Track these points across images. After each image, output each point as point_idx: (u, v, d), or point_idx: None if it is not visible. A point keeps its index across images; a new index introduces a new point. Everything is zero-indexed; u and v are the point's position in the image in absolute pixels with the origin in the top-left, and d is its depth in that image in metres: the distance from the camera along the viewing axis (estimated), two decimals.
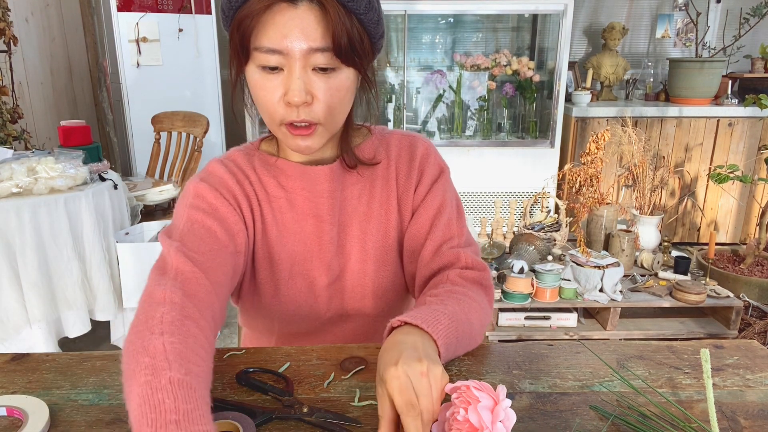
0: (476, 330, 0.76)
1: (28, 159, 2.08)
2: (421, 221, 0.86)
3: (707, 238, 3.33)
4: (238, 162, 0.85)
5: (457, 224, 0.87)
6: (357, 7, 0.69)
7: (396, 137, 0.90)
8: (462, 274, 0.81)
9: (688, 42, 3.95)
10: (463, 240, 0.86)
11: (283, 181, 0.84)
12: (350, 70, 0.73)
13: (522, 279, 2.19)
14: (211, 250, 0.72)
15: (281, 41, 0.67)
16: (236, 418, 0.61)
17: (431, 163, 0.88)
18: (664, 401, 0.68)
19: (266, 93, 0.71)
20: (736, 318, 2.23)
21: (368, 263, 0.87)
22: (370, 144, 0.88)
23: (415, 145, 0.89)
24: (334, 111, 0.74)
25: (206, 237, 0.74)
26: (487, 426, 0.54)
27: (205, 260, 0.70)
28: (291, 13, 0.67)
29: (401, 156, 0.88)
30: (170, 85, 3.53)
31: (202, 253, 0.71)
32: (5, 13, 2.85)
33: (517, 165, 3.47)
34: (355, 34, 0.70)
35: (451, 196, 0.89)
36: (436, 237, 0.85)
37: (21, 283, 1.96)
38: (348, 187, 0.86)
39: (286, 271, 0.86)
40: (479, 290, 0.81)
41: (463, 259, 0.83)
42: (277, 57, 0.69)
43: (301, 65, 0.69)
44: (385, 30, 0.79)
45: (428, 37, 3.74)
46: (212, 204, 0.77)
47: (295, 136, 0.74)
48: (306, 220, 0.85)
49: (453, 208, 0.88)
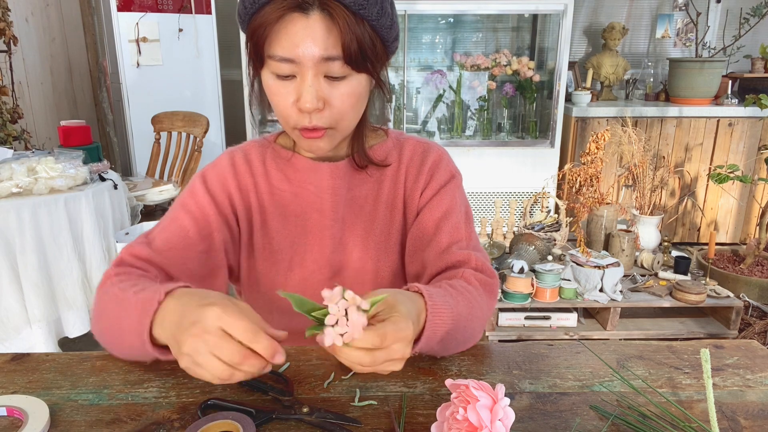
0: (470, 334, 0.76)
1: (28, 159, 2.08)
2: (426, 222, 0.86)
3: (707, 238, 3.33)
4: (248, 153, 0.88)
5: (465, 229, 0.86)
6: (369, 14, 0.70)
7: (411, 142, 0.91)
8: (476, 276, 0.80)
9: (688, 42, 3.95)
10: (471, 244, 0.85)
11: (290, 175, 0.86)
12: (362, 75, 0.74)
13: (522, 279, 2.19)
14: (175, 247, 0.79)
15: (293, 50, 0.69)
16: (236, 418, 0.61)
17: (442, 168, 0.88)
18: (664, 401, 0.68)
19: (280, 99, 0.74)
20: (736, 318, 2.23)
21: (368, 262, 0.88)
22: (384, 146, 0.89)
23: (429, 151, 0.89)
24: (346, 116, 0.76)
25: (177, 233, 0.80)
26: (486, 425, 0.54)
27: (170, 254, 0.78)
28: (303, 23, 0.68)
29: (413, 160, 0.89)
30: (170, 85, 3.53)
31: (167, 249, 0.78)
32: (5, 13, 2.85)
33: (517, 165, 3.46)
34: (366, 40, 0.71)
35: (461, 203, 0.88)
36: (442, 238, 0.84)
37: (21, 283, 1.96)
38: (356, 186, 0.87)
39: (285, 262, 0.87)
40: (487, 297, 0.80)
41: (473, 261, 0.82)
42: (289, 65, 0.71)
43: (313, 73, 0.71)
44: (399, 31, 0.80)
45: (428, 37, 3.74)
46: (199, 202, 0.83)
47: (307, 138, 0.77)
48: (309, 214, 0.86)
49: (461, 213, 0.87)
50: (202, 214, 0.82)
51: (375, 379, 0.72)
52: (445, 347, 0.73)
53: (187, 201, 0.83)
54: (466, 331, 0.73)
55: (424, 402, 0.67)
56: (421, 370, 0.74)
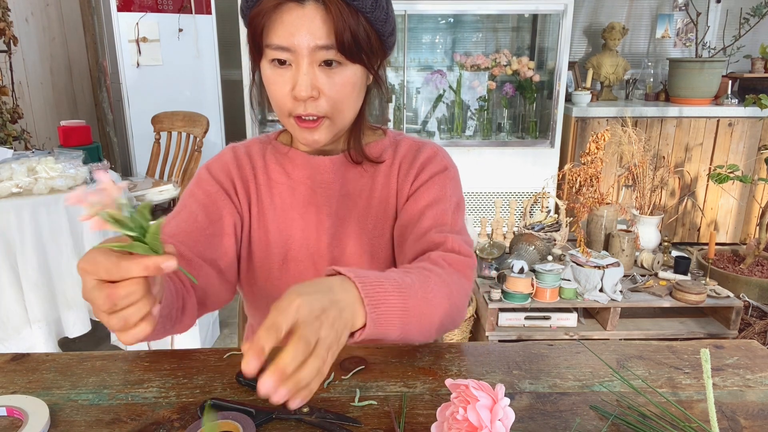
0: (435, 311, 0.68)
1: (28, 159, 2.08)
2: (411, 209, 0.85)
3: (707, 238, 3.33)
4: (250, 149, 0.91)
5: (451, 216, 0.84)
6: (363, 6, 0.72)
7: (408, 141, 0.92)
8: (444, 257, 0.76)
9: (688, 42, 3.95)
10: (455, 229, 0.82)
11: (289, 169, 0.88)
12: (357, 66, 0.76)
13: (522, 279, 2.19)
14: (185, 231, 0.80)
15: (289, 39, 0.71)
16: (236, 418, 0.61)
17: (435, 162, 0.88)
18: (664, 401, 0.68)
19: (276, 87, 0.76)
20: (736, 318, 2.23)
21: (363, 257, 0.88)
22: (381, 144, 0.90)
23: (423, 148, 0.90)
24: (341, 106, 0.77)
25: (188, 219, 0.82)
26: (486, 425, 0.54)
27: (180, 237, 0.79)
28: (298, 12, 0.71)
29: (407, 156, 0.90)
30: (170, 85, 3.52)
31: (178, 233, 0.80)
32: (5, 13, 2.85)
33: (517, 165, 3.46)
34: (360, 31, 0.73)
35: (452, 194, 0.87)
36: (424, 223, 0.82)
37: (21, 283, 1.96)
38: (350, 182, 0.88)
39: (280, 255, 0.88)
40: (458, 275, 0.75)
41: (449, 243, 0.78)
42: (285, 53, 0.73)
43: (308, 62, 0.72)
44: (396, 27, 0.80)
45: (428, 37, 3.74)
46: (206, 189, 0.86)
47: (302, 128, 0.78)
48: (306, 208, 0.88)
49: (451, 203, 0.85)
50: (211, 200, 0.85)
51: (375, 379, 0.72)
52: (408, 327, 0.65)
53: (195, 190, 0.86)
54: (428, 307, 0.67)
55: (424, 402, 0.67)
56: (421, 370, 0.74)
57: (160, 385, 0.70)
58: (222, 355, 0.77)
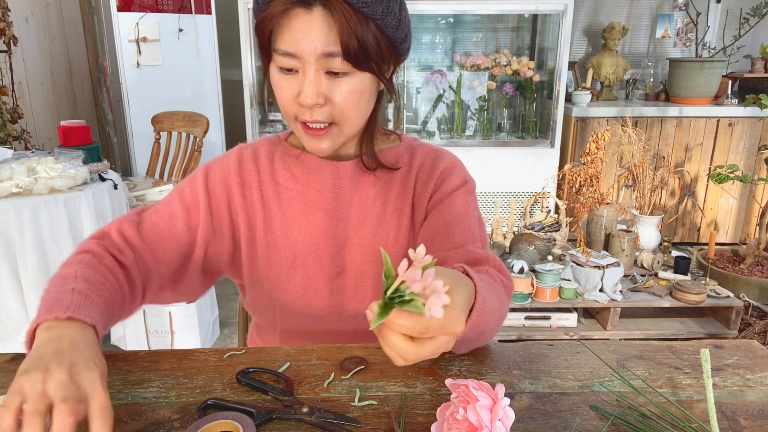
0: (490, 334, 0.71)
1: (28, 159, 2.08)
2: (436, 223, 0.83)
3: (707, 238, 3.33)
4: (258, 151, 0.89)
5: (479, 232, 0.83)
6: (373, 13, 0.70)
7: (424, 149, 0.90)
8: (500, 278, 0.75)
9: (688, 42, 3.95)
10: (487, 245, 0.83)
11: (297, 173, 0.87)
12: (366, 74, 0.74)
13: (522, 279, 2.19)
14: (160, 234, 0.81)
15: (295, 45, 0.70)
16: (236, 418, 0.61)
17: (454, 175, 0.87)
18: (664, 401, 0.68)
19: (283, 92, 0.75)
20: (736, 318, 2.23)
21: (372, 264, 0.87)
22: (395, 150, 0.88)
23: (441, 158, 0.88)
24: (348, 113, 0.75)
25: (166, 219, 0.83)
26: (486, 425, 0.54)
27: (153, 240, 0.81)
28: (305, 18, 0.70)
29: (424, 165, 0.88)
30: (170, 85, 3.53)
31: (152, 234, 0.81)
32: (5, 13, 2.85)
33: (517, 165, 3.46)
34: (370, 39, 0.71)
35: (474, 208, 0.86)
36: (456, 238, 0.81)
37: (21, 283, 1.96)
38: (364, 188, 0.87)
39: (288, 260, 0.87)
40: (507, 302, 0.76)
41: (492, 261, 0.77)
42: (292, 59, 0.72)
43: (315, 68, 0.71)
44: (410, 32, 0.78)
45: (428, 37, 3.74)
46: (195, 193, 0.85)
47: (309, 136, 0.77)
48: (314, 213, 0.86)
49: (474, 219, 0.85)
50: (195, 206, 0.84)
51: (375, 379, 0.72)
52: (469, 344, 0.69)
53: (185, 189, 0.85)
54: (492, 330, 0.69)
55: (424, 402, 0.67)
56: (421, 370, 0.74)
57: (160, 385, 0.70)
58: (222, 355, 0.77)
